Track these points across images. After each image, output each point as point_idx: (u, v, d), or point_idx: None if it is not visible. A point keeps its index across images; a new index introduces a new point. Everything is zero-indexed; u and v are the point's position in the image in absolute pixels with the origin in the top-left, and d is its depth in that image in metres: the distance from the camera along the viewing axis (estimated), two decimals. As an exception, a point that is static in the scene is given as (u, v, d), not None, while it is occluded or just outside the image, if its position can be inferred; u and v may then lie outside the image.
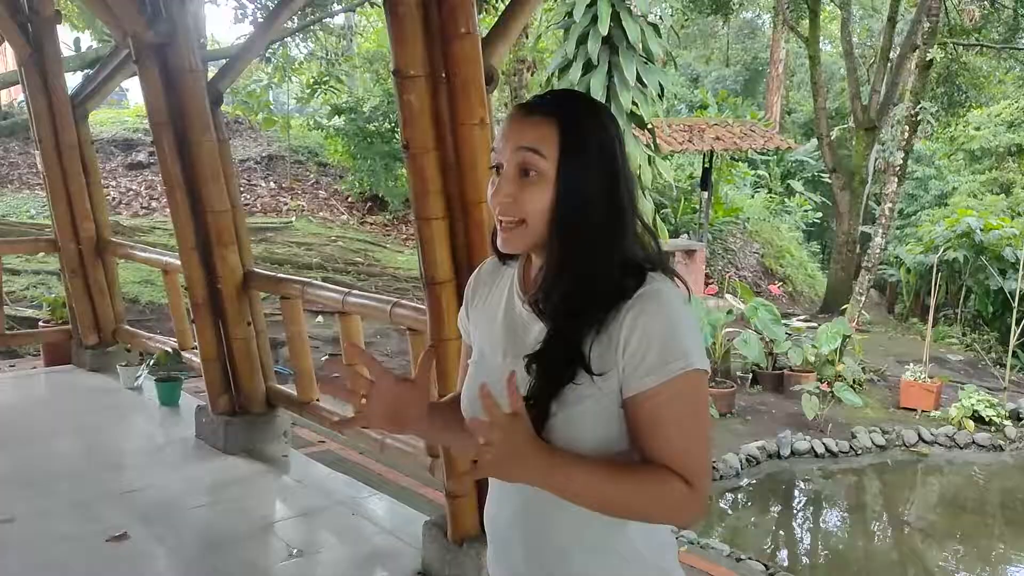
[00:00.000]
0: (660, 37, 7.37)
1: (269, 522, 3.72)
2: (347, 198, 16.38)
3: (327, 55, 16.48)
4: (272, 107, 17.26)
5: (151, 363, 5.18)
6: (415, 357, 3.45)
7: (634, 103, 7.36)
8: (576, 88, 7.63)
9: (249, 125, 18.41)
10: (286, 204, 15.35)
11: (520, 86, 16.19)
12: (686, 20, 18.70)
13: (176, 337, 5.38)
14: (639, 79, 7.31)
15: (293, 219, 14.51)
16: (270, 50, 13.74)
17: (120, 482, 4.11)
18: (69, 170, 5.55)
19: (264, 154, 17.08)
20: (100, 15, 4.19)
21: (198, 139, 4.15)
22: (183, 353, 5.22)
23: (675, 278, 1.31)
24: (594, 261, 1.27)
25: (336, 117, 16.27)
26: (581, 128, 1.28)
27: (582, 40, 7.37)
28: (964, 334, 14.59)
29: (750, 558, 5.18)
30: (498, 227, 1.33)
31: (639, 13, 7.14)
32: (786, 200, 19.25)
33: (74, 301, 5.83)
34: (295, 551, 3.45)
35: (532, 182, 1.28)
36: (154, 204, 14.13)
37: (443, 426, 1.52)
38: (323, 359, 8.38)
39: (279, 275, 4.51)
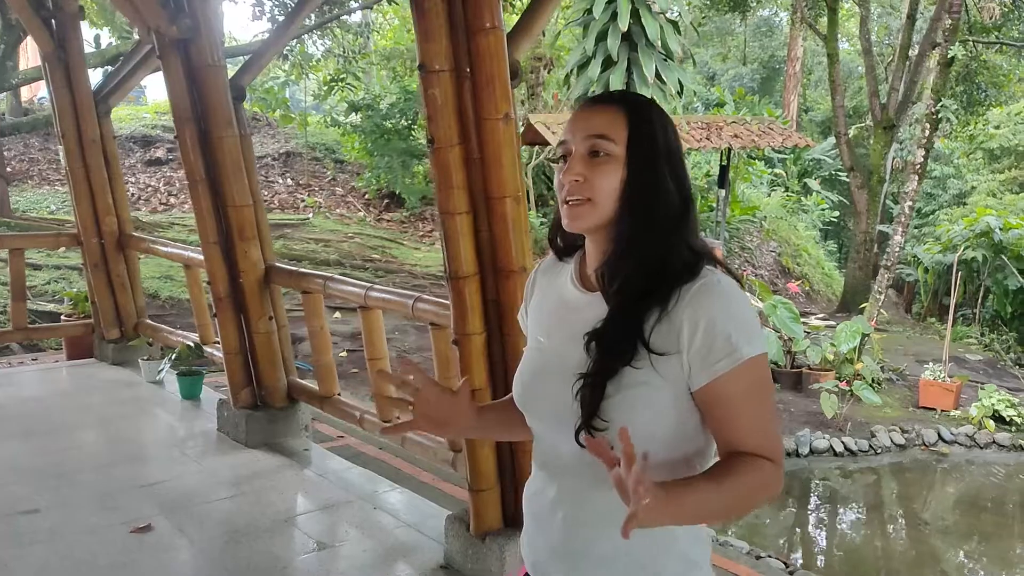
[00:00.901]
0: (679, 34, 7.36)
1: (291, 515, 3.73)
2: (364, 195, 16.43)
3: (344, 52, 16.51)
4: (289, 104, 17.33)
5: (173, 357, 5.22)
6: (437, 352, 3.46)
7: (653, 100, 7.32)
8: (595, 84, 7.63)
9: (267, 122, 18.50)
10: (303, 201, 15.42)
11: (537, 83, 16.17)
12: (703, 18, 18.64)
13: (198, 331, 5.41)
14: (658, 76, 7.29)
15: (310, 216, 14.57)
16: (287, 47, 13.78)
17: (143, 474, 4.15)
18: (92, 165, 5.60)
19: (281, 151, 17.17)
20: (124, 11, 4.22)
21: (220, 134, 4.18)
22: (205, 347, 5.25)
23: (726, 269, 1.34)
24: (663, 243, 1.31)
25: (353, 114, 16.32)
26: (647, 116, 1.34)
27: (601, 37, 7.35)
28: (983, 334, 14.47)
29: (769, 556, 5.17)
30: (563, 208, 1.36)
31: (658, 10, 7.13)
32: (803, 199, 19.18)
33: (96, 295, 5.89)
34: (317, 544, 3.47)
35: (602, 162, 1.32)
36: (172, 200, 14.22)
37: (492, 424, 1.62)
38: (340, 354, 8.43)
39: (300, 270, 4.52)
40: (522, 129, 11.54)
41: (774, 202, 17.60)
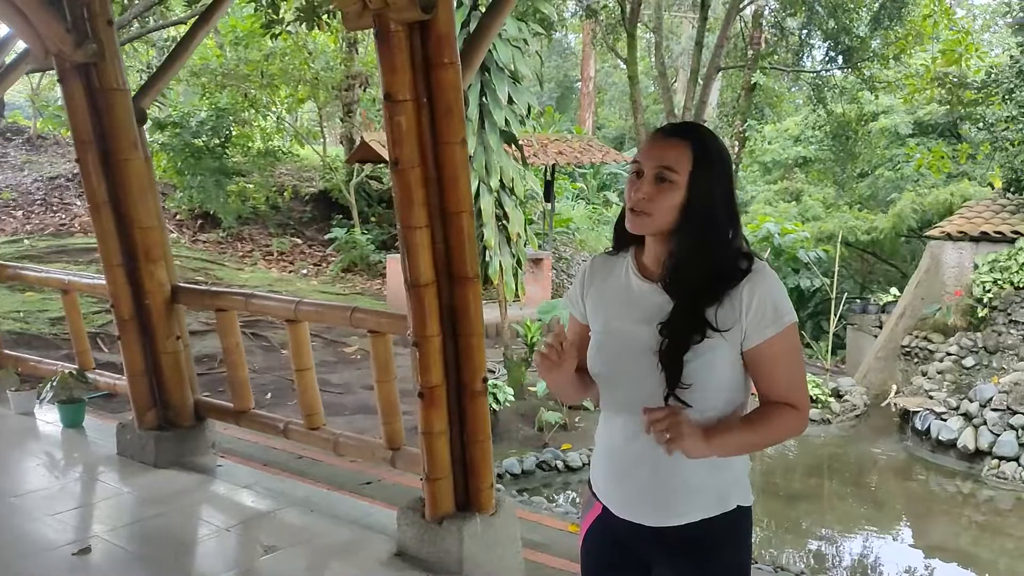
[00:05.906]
0: (526, 59, 7.90)
1: (231, 524, 3.83)
2: (175, 215, 15.85)
3: (147, 67, 15.88)
4: (87, 121, 16.35)
5: (55, 383, 5.06)
6: (377, 356, 3.72)
7: (506, 121, 7.84)
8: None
9: (55, 140, 17.49)
10: (111, 223, 14.63)
11: (353, 100, 16.31)
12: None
13: (76, 358, 5.28)
14: (510, 99, 7.79)
15: (122, 238, 13.87)
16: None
17: (60, 501, 4.07)
18: (-55, 189, 5.33)
19: (76, 171, 16.17)
20: (23, 35, 4.11)
21: (126, 156, 4.20)
22: (87, 373, 5.15)
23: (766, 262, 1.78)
24: (720, 252, 1.72)
25: (159, 132, 15.72)
26: (708, 151, 1.72)
27: (455, 61, 7.70)
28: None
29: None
30: (629, 214, 1.74)
31: (508, 37, 7.64)
32: (604, 210, 20.46)
33: (-52, 326, 5.57)
34: (267, 548, 3.61)
35: (665, 188, 1.70)
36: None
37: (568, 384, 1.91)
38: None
39: (213, 288, 4.60)
40: (356, 146, 11.71)
41: (581, 214, 18.69)
